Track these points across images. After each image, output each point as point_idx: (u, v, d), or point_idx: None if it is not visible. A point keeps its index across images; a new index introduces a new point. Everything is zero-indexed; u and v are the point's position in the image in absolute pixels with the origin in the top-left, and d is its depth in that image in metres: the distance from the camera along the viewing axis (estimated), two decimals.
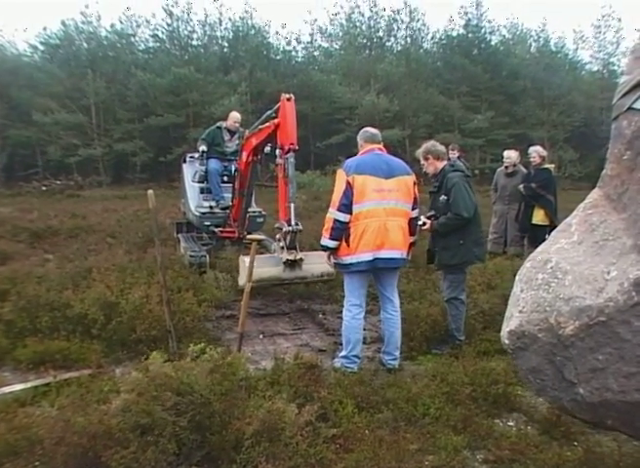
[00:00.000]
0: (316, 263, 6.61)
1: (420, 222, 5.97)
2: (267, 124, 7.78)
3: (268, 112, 7.87)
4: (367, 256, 5.28)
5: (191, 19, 39.83)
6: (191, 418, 3.53)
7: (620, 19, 47.79)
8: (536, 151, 9.80)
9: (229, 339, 6.26)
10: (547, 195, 9.47)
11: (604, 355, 2.41)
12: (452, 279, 6.09)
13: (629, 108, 2.63)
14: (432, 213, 6.12)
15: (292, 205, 6.86)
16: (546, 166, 9.91)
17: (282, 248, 6.81)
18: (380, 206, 5.32)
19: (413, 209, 5.63)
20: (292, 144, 7.07)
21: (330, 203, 5.42)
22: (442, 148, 6.24)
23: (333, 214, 5.33)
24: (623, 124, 2.69)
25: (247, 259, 5.80)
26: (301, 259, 6.74)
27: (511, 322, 2.68)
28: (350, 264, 5.36)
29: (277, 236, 6.99)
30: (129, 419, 3.42)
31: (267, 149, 7.81)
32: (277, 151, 7.25)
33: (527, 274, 2.79)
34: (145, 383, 3.65)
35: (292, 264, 6.71)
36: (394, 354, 5.61)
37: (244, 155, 8.89)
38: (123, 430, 3.39)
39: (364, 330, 5.87)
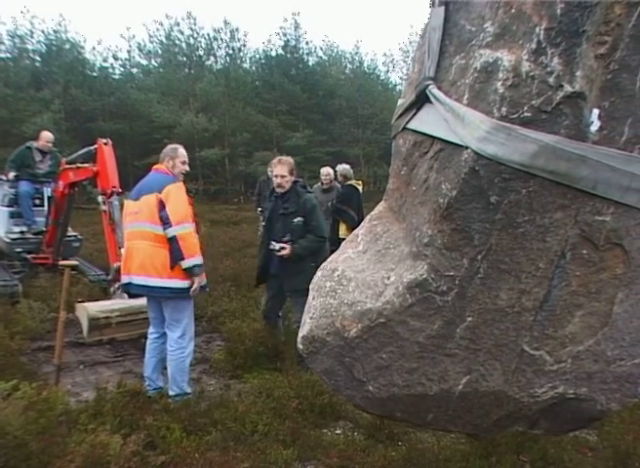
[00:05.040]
0: None
1: (276, 247, 5.79)
2: (87, 166, 7.66)
3: (90, 148, 7.70)
4: (124, 279, 5.21)
5: None
6: (5, 464, 3.32)
7: None
8: (344, 169, 10.33)
9: (47, 373, 5.91)
10: (349, 210, 9.94)
11: (387, 353, 2.55)
12: (304, 302, 6.06)
13: (404, 128, 2.80)
14: (288, 237, 5.89)
15: (122, 250, 6.31)
16: (351, 182, 10.40)
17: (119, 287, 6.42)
18: (131, 228, 5.23)
19: (167, 228, 4.97)
20: (114, 187, 6.98)
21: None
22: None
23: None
24: (400, 142, 2.88)
25: (85, 305, 5.64)
26: None
27: (304, 328, 2.78)
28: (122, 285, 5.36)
29: (112, 287, 6.82)
30: None
31: None
32: (100, 198, 7.10)
33: (317, 282, 2.90)
34: None
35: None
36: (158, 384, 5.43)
37: (60, 185, 8.58)
38: None
39: None
